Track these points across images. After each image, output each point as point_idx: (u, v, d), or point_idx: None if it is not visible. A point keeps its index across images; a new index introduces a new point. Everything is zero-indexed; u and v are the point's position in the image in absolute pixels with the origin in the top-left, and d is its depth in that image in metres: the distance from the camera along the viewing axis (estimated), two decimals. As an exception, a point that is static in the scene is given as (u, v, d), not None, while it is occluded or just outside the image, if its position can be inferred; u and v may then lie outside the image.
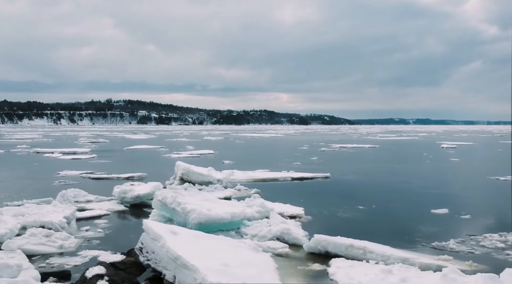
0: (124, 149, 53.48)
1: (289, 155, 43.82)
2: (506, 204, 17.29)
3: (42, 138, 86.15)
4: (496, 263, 10.08)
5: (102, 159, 38.35)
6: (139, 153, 47.40)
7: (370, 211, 16.21)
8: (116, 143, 67.54)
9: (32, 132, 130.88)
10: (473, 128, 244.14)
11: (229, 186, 20.30)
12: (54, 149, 47.78)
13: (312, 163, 35.21)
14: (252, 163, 33.28)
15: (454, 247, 11.31)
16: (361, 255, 10.11)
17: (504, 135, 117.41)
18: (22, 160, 37.62)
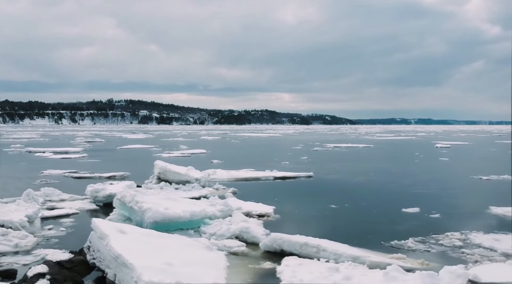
0: (117, 148, 53.56)
1: (281, 154, 43.81)
2: (479, 203, 17.33)
3: (40, 138, 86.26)
4: (448, 261, 10.09)
5: (91, 158, 38.42)
6: (130, 152, 47.44)
7: (342, 210, 16.22)
8: (111, 143, 67.61)
9: (31, 132, 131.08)
10: (474, 128, 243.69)
11: (207, 185, 20.29)
12: (46, 148, 47.85)
13: (301, 162, 35.22)
14: (241, 162, 33.30)
15: (411, 246, 11.32)
16: (314, 253, 10.12)
17: (503, 135, 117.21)
18: (11, 159, 37.70)
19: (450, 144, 64.40)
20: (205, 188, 19.72)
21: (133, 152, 47.41)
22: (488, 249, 11.07)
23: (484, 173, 27.43)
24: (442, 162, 36.83)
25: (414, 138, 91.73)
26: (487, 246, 11.31)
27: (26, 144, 58.76)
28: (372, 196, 19.72)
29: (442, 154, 45.94)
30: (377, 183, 23.69)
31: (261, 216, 14.49)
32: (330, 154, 46.50)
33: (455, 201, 18.22)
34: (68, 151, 46.42)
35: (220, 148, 56.93)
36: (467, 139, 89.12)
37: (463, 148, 58.50)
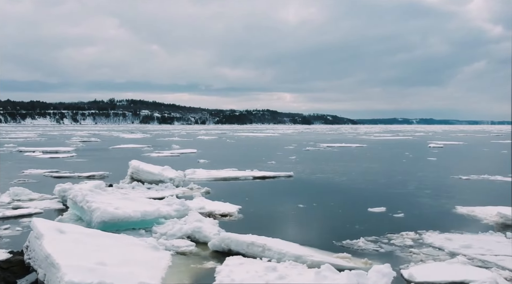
0: (109, 148, 53.68)
1: (270, 154, 43.84)
2: (447, 203, 17.36)
3: (37, 137, 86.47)
4: (391, 260, 10.08)
5: (79, 158, 38.53)
6: (121, 152, 47.51)
7: (308, 209, 16.26)
8: (106, 142, 67.73)
9: (31, 131, 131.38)
10: (474, 128, 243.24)
11: (181, 185, 20.35)
12: (37, 148, 47.97)
13: (288, 162, 35.25)
14: (228, 162, 33.37)
15: (362, 245, 11.35)
16: (260, 253, 10.16)
17: (501, 135, 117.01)
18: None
19: (443, 144, 64.36)
20: (179, 188, 19.78)
21: (123, 152, 47.47)
22: (436, 248, 11.10)
23: (465, 172, 27.45)
24: (428, 162, 36.81)
25: (410, 138, 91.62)
26: (437, 245, 11.33)
27: (20, 144, 58.90)
28: (344, 196, 19.75)
29: (432, 154, 45.91)
30: (355, 183, 23.69)
31: (224, 216, 14.54)
32: (320, 154, 46.50)
33: (425, 200, 18.21)
34: (58, 150, 46.55)
35: (212, 148, 56.99)
36: (463, 139, 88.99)
37: (455, 148, 58.42)
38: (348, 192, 20.98)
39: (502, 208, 15.56)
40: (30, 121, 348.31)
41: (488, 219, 14.54)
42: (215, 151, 51.48)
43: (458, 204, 16.86)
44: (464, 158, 42.05)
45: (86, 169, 27.93)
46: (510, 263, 9.89)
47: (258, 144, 67.26)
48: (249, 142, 73.78)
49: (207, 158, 38.15)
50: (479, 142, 78.15)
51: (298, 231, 13.05)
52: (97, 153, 46.45)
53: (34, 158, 38.28)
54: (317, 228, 13.57)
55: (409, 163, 35.63)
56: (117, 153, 46.52)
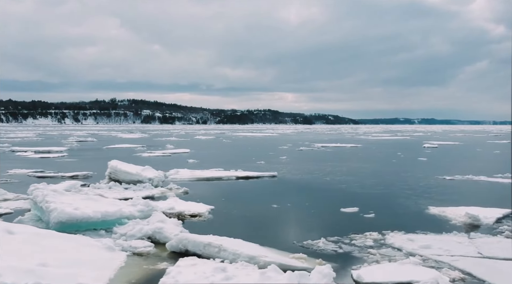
0: (103, 148, 53.75)
1: (262, 154, 43.85)
2: (422, 203, 17.33)
3: (35, 137, 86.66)
4: (347, 261, 10.17)
5: (70, 158, 38.64)
6: (114, 152, 47.58)
7: (280, 210, 16.28)
8: (102, 142, 67.80)
9: (30, 131, 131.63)
10: (475, 128, 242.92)
11: (160, 185, 20.39)
12: (31, 148, 48.10)
13: (277, 162, 35.26)
14: (217, 162, 33.47)
15: (321, 245, 11.37)
16: (216, 253, 10.20)
17: (499, 135, 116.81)
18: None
19: (438, 144, 64.33)
20: (158, 188, 19.81)
21: (116, 152, 47.54)
22: (395, 249, 11.11)
23: (451, 173, 27.45)
24: (418, 162, 36.78)
25: (408, 138, 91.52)
26: (397, 246, 11.35)
27: (15, 143, 59.03)
28: (321, 196, 19.78)
29: (425, 154, 45.89)
30: (337, 183, 23.68)
31: (193, 216, 14.59)
32: (313, 154, 46.51)
33: (401, 201, 18.21)
34: (51, 150, 46.63)
35: (206, 148, 57.06)
36: (461, 139, 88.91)
37: (449, 148, 58.35)
38: (327, 192, 21.00)
39: (472, 208, 15.59)
40: (31, 121, 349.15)
41: (457, 219, 14.54)
42: (208, 151, 51.55)
43: (433, 205, 16.88)
44: (455, 158, 42.00)
45: (72, 168, 27.98)
46: (463, 264, 9.91)
47: (253, 144, 67.31)
48: (245, 142, 73.83)
49: (197, 158, 38.21)
50: (475, 142, 78.05)
51: (263, 232, 13.07)
52: (90, 153, 46.54)
53: (24, 158, 38.39)
54: (282, 228, 13.59)
55: (398, 163, 35.63)
56: (109, 153, 46.56)
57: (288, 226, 14.03)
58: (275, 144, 64.40)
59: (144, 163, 31.86)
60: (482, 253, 10.68)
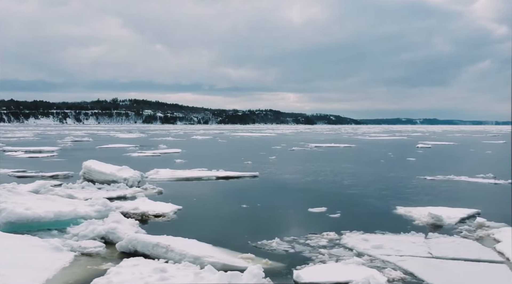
0: (96, 148, 53.83)
1: (252, 154, 43.85)
2: (392, 203, 17.24)
3: (32, 137, 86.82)
4: (295, 260, 10.16)
5: (59, 158, 38.78)
6: (105, 151, 47.69)
7: (248, 210, 16.29)
8: (97, 142, 67.91)
9: (30, 131, 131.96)
10: (476, 129, 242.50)
11: (135, 185, 20.42)
12: (23, 148, 48.24)
13: (265, 162, 35.27)
14: (204, 162, 33.59)
15: (274, 245, 11.37)
16: (163, 254, 10.21)
17: (498, 135, 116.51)
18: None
19: (432, 144, 64.28)
20: (132, 188, 19.83)
21: (107, 151, 47.64)
22: (347, 249, 11.12)
23: (435, 173, 27.43)
24: (406, 162, 36.72)
25: (405, 139, 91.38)
26: (350, 245, 11.35)
27: (10, 143, 59.13)
28: (295, 196, 19.81)
29: (415, 154, 45.84)
30: (316, 183, 23.69)
31: (157, 216, 14.60)
32: (303, 154, 46.50)
33: (372, 201, 18.18)
34: (42, 150, 46.73)
35: (199, 148, 57.18)
36: (457, 139, 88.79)
37: (442, 148, 58.27)
38: (302, 192, 21.00)
39: (438, 208, 15.60)
40: (33, 121, 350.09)
41: (420, 219, 14.52)
42: (200, 151, 51.63)
43: (402, 205, 16.85)
44: (444, 158, 41.89)
45: (56, 168, 28.02)
46: (408, 264, 9.90)
47: (247, 144, 67.34)
48: (240, 142, 73.86)
49: (186, 158, 38.31)
50: (471, 142, 77.88)
51: (222, 232, 13.09)
52: (80, 152, 46.59)
53: (13, 158, 38.47)
54: (242, 229, 13.58)
55: (385, 163, 35.57)
56: (101, 152, 46.66)
57: (249, 226, 14.02)
58: (270, 144, 64.37)
59: (132, 162, 32.04)
60: (432, 253, 10.66)
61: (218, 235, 12.63)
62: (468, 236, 12.53)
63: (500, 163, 37.22)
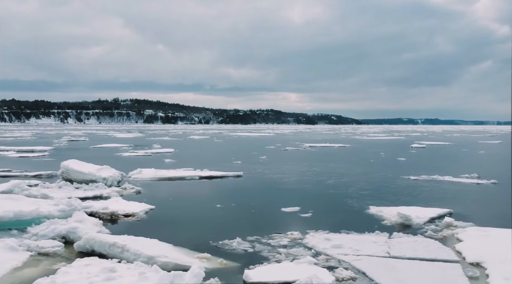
0: (90, 147, 53.91)
1: (244, 154, 43.88)
2: (367, 203, 17.20)
3: (29, 136, 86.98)
4: (251, 260, 10.17)
5: (49, 157, 38.83)
6: (97, 151, 47.77)
7: (220, 210, 16.29)
8: (92, 141, 67.98)
9: (29, 131, 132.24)
10: (477, 129, 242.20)
11: (114, 185, 20.44)
12: (16, 147, 48.34)
13: (255, 162, 35.28)
14: (193, 162, 33.74)
15: (235, 245, 11.36)
16: (119, 254, 10.22)
17: (496, 135, 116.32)
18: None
19: (428, 144, 64.21)
20: (111, 187, 19.84)
21: (99, 151, 47.71)
22: (307, 249, 11.13)
23: (420, 173, 27.40)
24: (395, 162, 36.64)
25: (402, 138, 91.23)
26: (310, 245, 11.36)
27: (5, 143, 59.21)
28: (272, 196, 19.79)
29: (407, 154, 45.83)
30: (297, 183, 23.69)
31: (127, 216, 14.61)
32: (295, 154, 46.46)
33: (348, 200, 18.13)
34: (34, 149, 46.87)
35: (192, 148, 57.25)
36: (454, 139, 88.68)
37: (436, 148, 58.19)
38: (281, 191, 21.03)
39: (411, 208, 15.62)
40: (34, 120, 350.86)
41: (390, 219, 14.51)
42: (193, 150, 51.70)
43: (376, 204, 16.83)
44: (434, 158, 41.80)
45: (43, 168, 28.03)
46: (362, 263, 9.91)
47: (242, 144, 67.35)
48: (235, 142, 73.86)
49: (176, 158, 38.41)
50: (467, 142, 77.75)
51: (186, 231, 13.11)
52: (73, 152, 46.59)
53: (3, 157, 38.52)
54: (208, 228, 13.54)
55: (373, 163, 35.53)
56: (92, 152, 46.74)
57: (216, 226, 14.00)
58: (265, 144, 64.35)
59: (120, 162, 32.21)
60: (390, 253, 10.65)
61: (182, 234, 12.66)
62: (432, 236, 12.51)
63: (489, 162, 37.23)
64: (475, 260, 10.07)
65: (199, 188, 22.30)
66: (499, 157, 44.45)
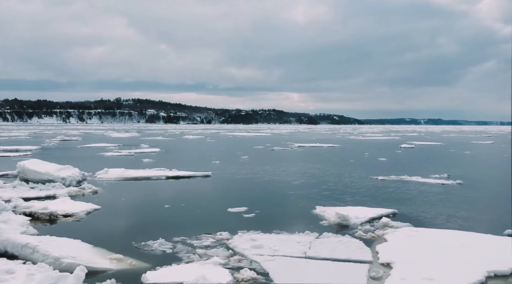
0: (77, 147, 54.02)
1: (227, 154, 44.01)
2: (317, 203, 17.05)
3: (24, 136, 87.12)
4: (163, 261, 10.11)
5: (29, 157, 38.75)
6: (82, 151, 47.90)
7: (167, 210, 16.27)
8: (84, 141, 68.13)
9: (27, 130, 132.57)
10: (477, 129, 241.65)
11: (73, 185, 20.44)
12: (1, 147, 48.43)
13: (233, 162, 35.24)
14: (172, 162, 34.01)
15: (155, 246, 11.32)
16: (30, 254, 10.19)
17: (493, 136, 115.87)
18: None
19: (419, 144, 64.10)
20: (69, 187, 19.83)
21: (84, 151, 47.83)
22: (227, 249, 11.09)
23: (391, 173, 27.34)
24: (374, 162, 36.45)
25: (397, 139, 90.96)
26: (232, 246, 11.35)
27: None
28: (227, 196, 19.84)
29: (392, 154, 45.78)
30: (260, 184, 23.57)
31: (66, 216, 14.60)
32: (280, 154, 46.36)
33: (299, 200, 18.09)
34: (19, 149, 46.93)
35: (178, 148, 57.31)
36: (448, 139, 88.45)
37: (424, 148, 58.11)
38: (239, 192, 21.08)
39: (354, 208, 15.57)
40: (37, 120, 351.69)
41: (329, 219, 14.44)
42: (178, 150, 51.73)
43: (326, 205, 16.73)
44: (415, 159, 41.61)
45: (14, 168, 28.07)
46: (271, 264, 9.87)
47: (232, 144, 67.35)
48: (226, 142, 73.83)
49: (158, 158, 38.63)
50: (459, 142, 77.41)
51: (116, 232, 13.12)
52: (56, 152, 46.72)
53: (-17, 157, 38.59)
54: (138, 229, 13.38)
55: (352, 163, 35.40)
56: (76, 152, 46.86)
57: (148, 226, 13.86)
58: (255, 144, 64.30)
59: (99, 162, 32.36)
60: (306, 253, 10.61)
61: (110, 235, 12.66)
62: (361, 236, 12.47)
63: (467, 163, 37.10)
64: (386, 261, 10.01)
65: (159, 188, 22.25)
66: (481, 157, 44.27)
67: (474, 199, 19.15)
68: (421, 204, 17.69)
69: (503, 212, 15.94)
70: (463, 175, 26.71)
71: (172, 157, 41.82)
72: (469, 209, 16.67)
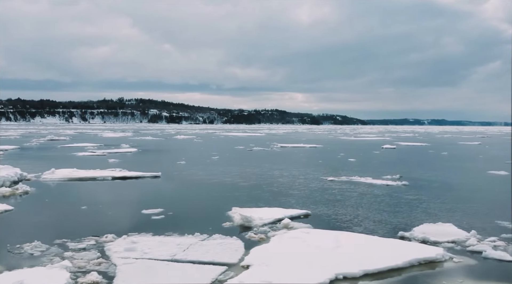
0: (57, 147, 54.17)
1: (199, 155, 43.90)
2: (239, 204, 16.76)
3: (16, 136, 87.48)
4: (22, 264, 10.00)
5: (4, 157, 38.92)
6: (57, 151, 47.98)
7: (81, 211, 16.17)
8: (69, 141, 68.13)
9: (24, 130, 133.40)
10: (478, 129, 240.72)
11: (7, 185, 20.36)
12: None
13: (200, 163, 35.14)
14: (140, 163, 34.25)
15: (27, 249, 11.17)
16: None
17: (486, 136, 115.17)
18: None
19: (404, 145, 63.78)
20: (1, 188, 19.72)
21: (60, 151, 47.91)
22: (98, 252, 10.93)
23: (346, 174, 27.16)
24: (339, 164, 35.96)
25: (387, 139, 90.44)
26: (106, 248, 11.24)
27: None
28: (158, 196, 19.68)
29: (366, 155, 45.61)
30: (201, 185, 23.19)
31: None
32: (254, 154, 46.15)
33: (222, 202, 17.73)
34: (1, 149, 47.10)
35: (157, 148, 57.27)
36: (437, 140, 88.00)
37: (405, 149, 57.93)
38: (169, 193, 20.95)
39: (265, 209, 15.48)
40: (39, 120, 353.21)
41: (234, 220, 14.30)
42: (153, 151, 51.67)
43: (245, 206, 16.50)
44: (386, 160, 41.21)
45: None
46: (127, 267, 9.73)
47: (215, 144, 67.28)
48: (212, 142, 73.76)
49: (126, 158, 38.61)
50: (446, 143, 76.83)
51: (8, 235, 12.97)
52: (30, 151, 46.90)
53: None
54: (27, 231, 13.04)
55: (317, 164, 35.14)
56: (50, 152, 46.90)
57: (43, 228, 13.71)
58: (239, 144, 64.15)
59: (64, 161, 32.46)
60: (176, 255, 10.48)
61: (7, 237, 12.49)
62: (250, 238, 12.37)
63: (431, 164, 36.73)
64: (248, 263, 9.85)
65: (94, 189, 22.02)
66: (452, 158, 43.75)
67: (404, 200, 18.77)
68: (345, 205, 17.47)
69: (418, 214, 15.74)
70: (417, 176, 26.53)
71: (142, 157, 41.85)
72: (388, 211, 16.36)
